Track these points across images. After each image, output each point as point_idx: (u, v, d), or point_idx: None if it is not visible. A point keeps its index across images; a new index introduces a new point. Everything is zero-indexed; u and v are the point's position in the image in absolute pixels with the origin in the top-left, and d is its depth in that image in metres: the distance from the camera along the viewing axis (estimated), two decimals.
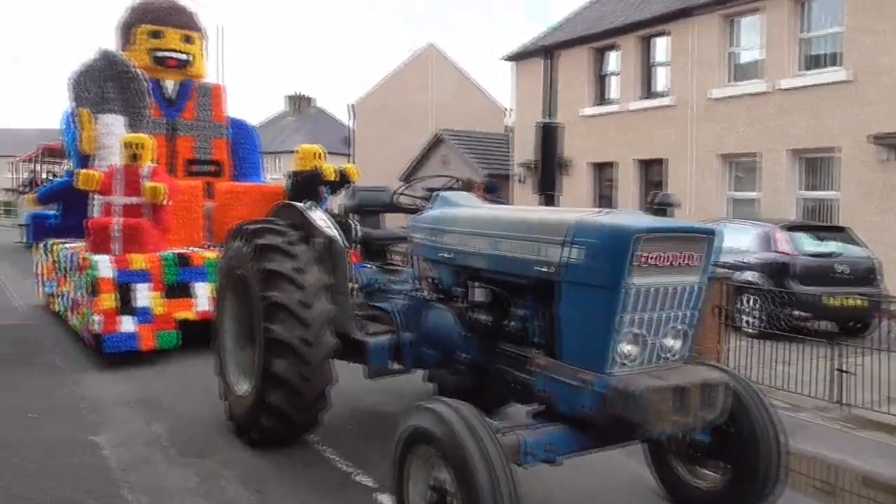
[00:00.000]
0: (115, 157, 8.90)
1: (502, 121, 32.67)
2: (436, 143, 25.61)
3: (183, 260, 8.03)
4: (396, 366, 5.01)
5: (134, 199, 8.27)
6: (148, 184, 8.04)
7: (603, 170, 19.26)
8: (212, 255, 8.25)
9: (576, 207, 5.06)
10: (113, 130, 9.05)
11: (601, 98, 19.24)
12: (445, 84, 31.85)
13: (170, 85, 10.67)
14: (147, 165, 8.41)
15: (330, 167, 9.21)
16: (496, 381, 4.24)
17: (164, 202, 8.12)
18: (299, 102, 48.70)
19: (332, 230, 5.07)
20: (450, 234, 4.38)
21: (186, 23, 10.89)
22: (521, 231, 3.82)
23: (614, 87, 18.83)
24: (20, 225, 24.00)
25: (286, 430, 4.91)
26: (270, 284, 4.70)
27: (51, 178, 19.51)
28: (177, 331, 7.71)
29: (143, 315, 7.55)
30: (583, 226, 3.48)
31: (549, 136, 4.13)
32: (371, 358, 4.85)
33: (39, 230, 10.59)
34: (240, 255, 5.07)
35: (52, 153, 21.49)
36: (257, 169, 11.76)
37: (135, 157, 8.33)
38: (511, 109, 34.50)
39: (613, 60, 18.83)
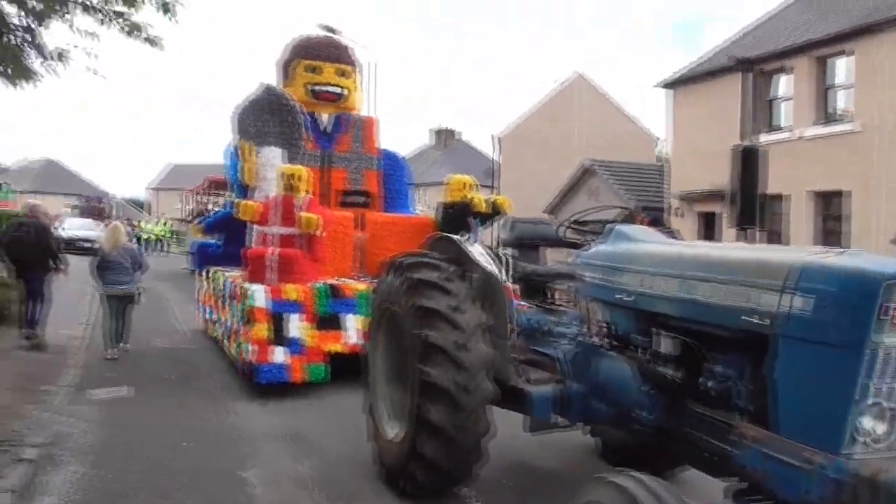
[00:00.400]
0: (273, 189, 9.08)
1: (653, 150, 31.39)
2: (584, 173, 24.89)
3: (334, 291, 7.95)
4: (560, 419, 4.48)
5: (289, 230, 8.34)
6: (302, 214, 8.07)
7: (770, 203, 17.74)
8: (362, 286, 8.14)
9: (784, 245, 4.39)
10: (272, 162, 9.26)
11: (769, 125, 17.80)
12: (593, 113, 31.08)
13: (325, 118, 10.87)
14: (302, 196, 8.48)
15: (481, 198, 8.92)
16: (681, 446, 3.61)
17: (318, 233, 8.11)
18: (444, 135, 49.60)
19: (491, 265, 4.66)
20: (629, 274, 3.82)
21: (341, 57, 11.10)
22: (725, 273, 3.20)
23: (784, 113, 17.35)
24: (188, 252, 25.86)
25: (439, 483, 4.50)
26: (426, 323, 4.35)
27: (216, 209, 20.85)
28: (326, 363, 7.60)
29: (294, 346, 7.51)
30: (812, 269, 2.82)
31: (749, 160, 3.54)
32: (533, 409, 4.36)
33: (203, 258, 11.10)
34: (393, 290, 4.77)
35: (217, 186, 22.96)
36: (407, 200, 11.71)
37: (291, 188, 8.42)
38: (661, 139, 33.15)
39: (783, 84, 17.38)
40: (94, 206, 42.95)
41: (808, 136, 16.25)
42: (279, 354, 7.39)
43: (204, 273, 10.91)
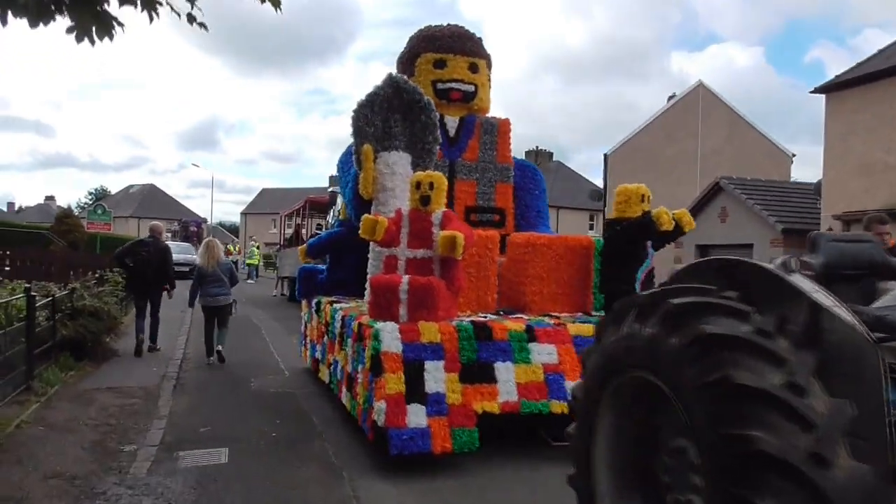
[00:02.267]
0: (397, 202, 7.41)
1: (788, 169, 28.42)
2: (713, 192, 22.37)
3: (482, 332, 6.14)
4: None
5: (423, 252, 6.61)
6: (442, 233, 6.31)
7: None
8: (516, 326, 6.30)
9: None
10: (396, 170, 7.58)
11: None
12: (717, 128, 28.47)
13: (451, 120, 9.18)
14: (439, 210, 6.74)
15: (664, 212, 6.93)
16: None
17: (460, 256, 6.33)
18: (537, 157, 47.65)
19: (847, 313, 2.68)
20: None
21: (473, 49, 9.42)
22: None
23: None
24: (279, 277, 24.76)
25: None
26: (742, 414, 2.44)
27: (317, 231, 19.47)
28: (475, 427, 5.76)
29: (435, 404, 5.70)
30: None
31: None
32: None
33: (308, 285, 9.51)
34: (650, 348, 2.89)
35: (316, 206, 21.76)
36: (546, 219, 9.83)
37: (425, 201, 6.70)
38: (795, 156, 30.06)
39: None
40: (192, 230, 43.16)
41: None
42: (417, 415, 5.60)
43: (311, 303, 9.33)
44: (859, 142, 17.03)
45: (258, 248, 36.96)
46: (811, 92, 18.64)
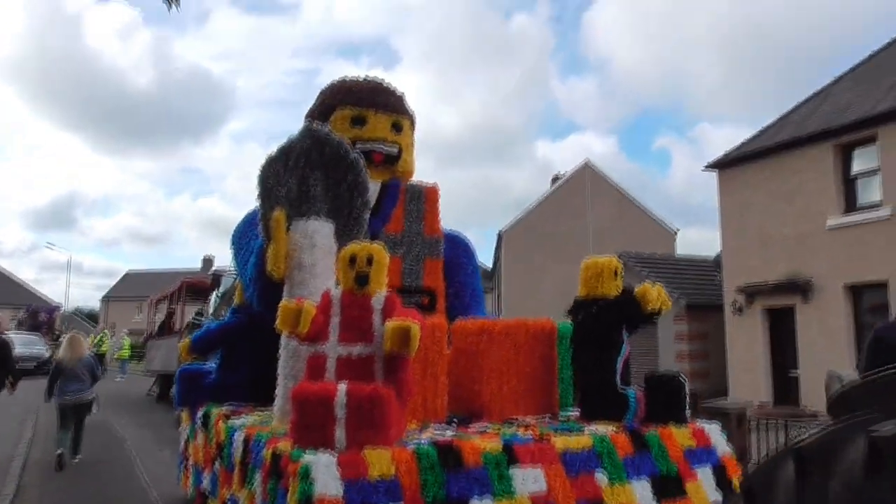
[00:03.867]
0: (318, 283, 5.79)
1: (673, 244, 28.92)
2: None
3: (449, 456, 4.53)
4: None
5: (361, 349, 4.97)
6: (389, 323, 4.72)
7: (866, 293, 14.92)
8: (490, 444, 4.74)
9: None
10: (316, 242, 5.98)
11: (852, 204, 15.24)
12: (604, 206, 28.72)
13: (372, 186, 7.71)
14: (380, 293, 5.18)
15: (649, 289, 5.72)
16: None
17: (413, 353, 4.74)
18: None
19: None
20: None
21: (396, 106, 8.10)
22: None
23: (871, 190, 14.85)
24: (150, 371, 21.74)
25: None
26: None
27: (197, 320, 16.91)
28: None
29: None
30: None
31: None
32: None
33: (190, 390, 7.49)
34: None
35: (194, 290, 19.25)
36: (482, 300, 8.45)
37: (362, 280, 5.12)
38: (679, 230, 30.77)
39: (868, 157, 14.96)
40: (42, 318, 38.42)
41: None
42: None
43: (194, 415, 7.31)
44: (755, 215, 17.13)
45: (125, 343, 33.19)
46: (703, 169, 18.81)
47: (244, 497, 5.27)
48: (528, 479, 4.65)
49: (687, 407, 5.66)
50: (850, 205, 14.99)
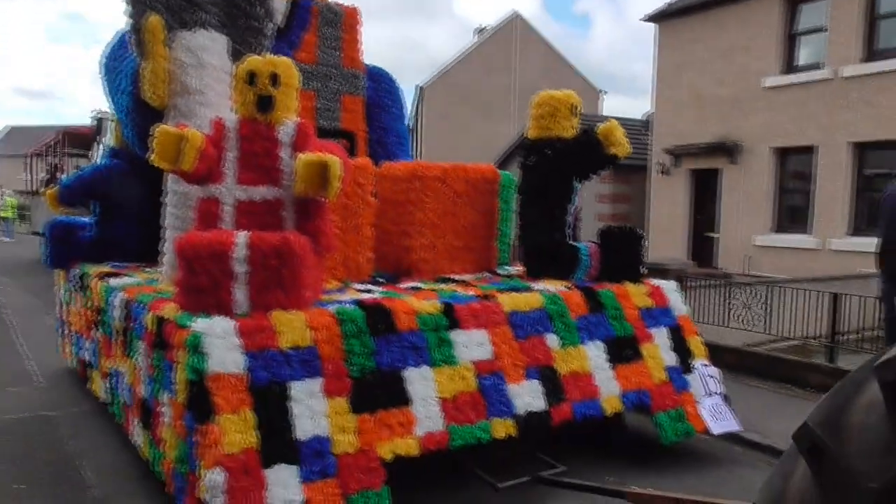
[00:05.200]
0: (208, 112, 4.63)
1: (598, 105, 28.22)
2: None
3: (379, 319, 3.71)
4: None
5: (267, 191, 3.98)
6: (301, 157, 3.70)
7: (792, 157, 14.72)
8: (428, 305, 3.94)
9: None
10: (205, 60, 4.76)
11: (791, 64, 14.69)
12: (533, 62, 27.44)
13: (277, 4, 6.36)
14: (289, 121, 4.12)
15: (616, 127, 4.88)
16: None
17: (334, 195, 3.77)
18: None
19: None
20: None
21: None
22: None
23: (814, 50, 14.27)
24: (36, 234, 19.86)
25: None
26: None
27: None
28: (384, 487, 3.36)
29: (314, 459, 3.22)
30: None
31: None
32: None
33: (63, 247, 6.32)
34: None
35: (77, 140, 17.17)
36: (407, 146, 7.46)
37: (265, 104, 4.03)
38: (605, 92, 29.99)
39: (815, 13, 14.26)
40: None
41: (846, 75, 13.25)
42: (284, 486, 3.09)
43: (69, 275, 6.19)
44: (692, 73, 16.44)
45: (11, 197, 30.45)
46: (642, 20, 17.78)
47: (127, 370, 4.36)
48: (472, 343, 3.93)
49: (644, 264, 5.02)
50: (790, 65, 14.49)
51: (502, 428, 3.76)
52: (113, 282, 4.94)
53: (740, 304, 7.15)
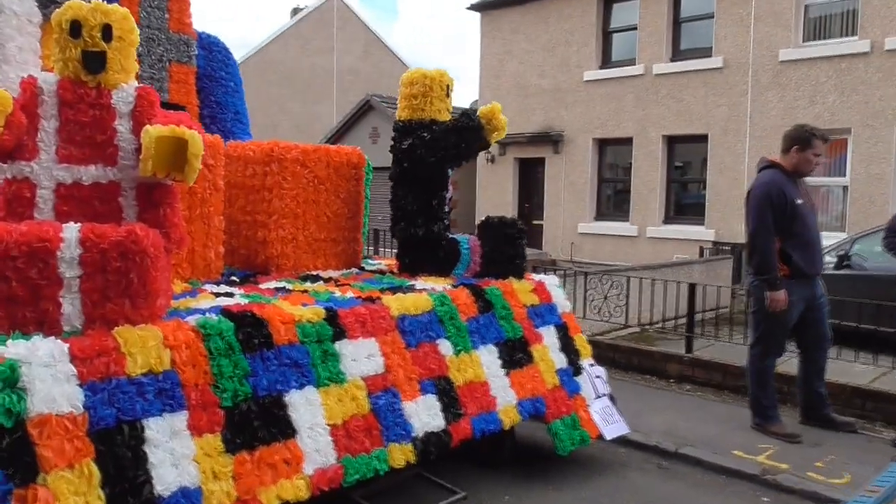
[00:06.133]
0: (12, 73, 3.64)
1: None
2: (362, 111, 20.63)
3: (251, 330, 3.04)
4: None
5: (97, 171, 3.15)
6: (155, 131, 2.92)
7: (611, 148, 15.48)
8: (309, 312, 3.33)
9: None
10: (2, 4, 3.73)
11: (608, 59, 15.40)
12: (352, 44, 26.75)
13: None
14: (128, 84, 3.30)
15: (498, 110, 4.54)
16: None
17: (193, 179, 3.04)
18: None
19: None
20: None
21: None
22: None
23: (628, 46, 15.03)
24: None
25: None
26: None
27: None
28: None
29: None
30: None
31: None
32: None
33: None
34: None
35: None
36: (247, 124, 6.63)
37: (95, 61, 3.17)
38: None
39: (627, 12, 15.01)
40: None
41: (658, 72, 14.13)
42: None
43: None
44: (515, 64, 16.75)
45: None
46: (467, 9, 17.82)
47: None
48: (360, 355, 3.39)
49: (525, 258, 4.74)
50: (606, 60, 15.19)
51: (401, 455, 3.26)
52: None
53: (598, 293, 7.19)
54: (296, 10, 28.69)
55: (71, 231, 2.69)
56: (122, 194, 3.20)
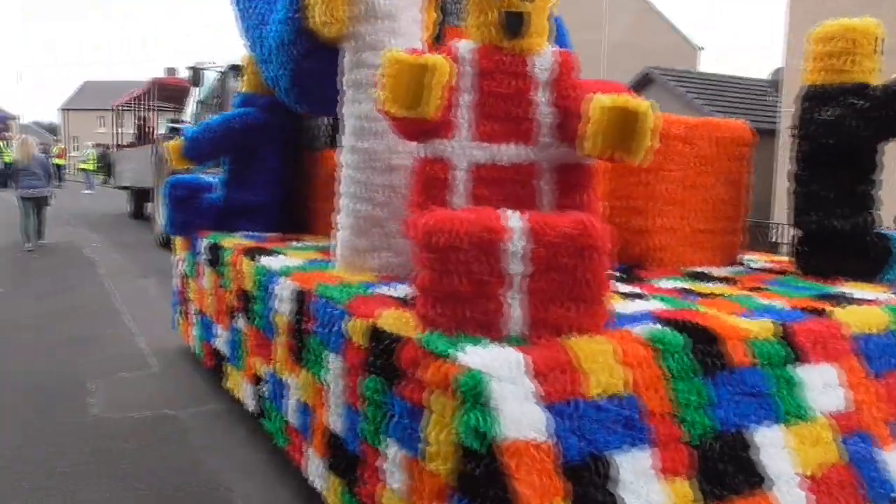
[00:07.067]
0: (400, 43, 3.41)
1: (695, 63, 26.17)
2: (641, 86, 19.50)
3: (704, 344, 2.46)
4: None
5: (517, 151, 2.78)
6: (602, 99, 2.45)
7: None
8: (755, 324, 2.67)
9: None
10: None
11: None
12: (623, 20, 25.55)
13: None
14: (545, 51, 2.89)
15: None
16: None
17: (633, 160, 2.53)
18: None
19: None
20: None
21: None
22: None
23: None
24: (120, 188, 19.18)
25: None
26: None
27: (175, 125, 13.68)
28: None
29: None
30: None
31: None
32: None
33: (186, 210, 5.27)
34: None
35: (168, 92, 16.17)
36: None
37: (515, 25, 2.80)
38: (703, 49, 27.75)
39: None
40: None
41: None
42: None
43: (195, 243, 5.13)
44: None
45: (90, 156, 30.77)
46: None
47: (300, 384, 3.25)
48: (819, 385, 2.66)
49: None
50: None
51: None
52: (266, 261, 3.83)
53: None
54: None
55: (516, 221, 2.29)
56: (540, 176, 2.80)
